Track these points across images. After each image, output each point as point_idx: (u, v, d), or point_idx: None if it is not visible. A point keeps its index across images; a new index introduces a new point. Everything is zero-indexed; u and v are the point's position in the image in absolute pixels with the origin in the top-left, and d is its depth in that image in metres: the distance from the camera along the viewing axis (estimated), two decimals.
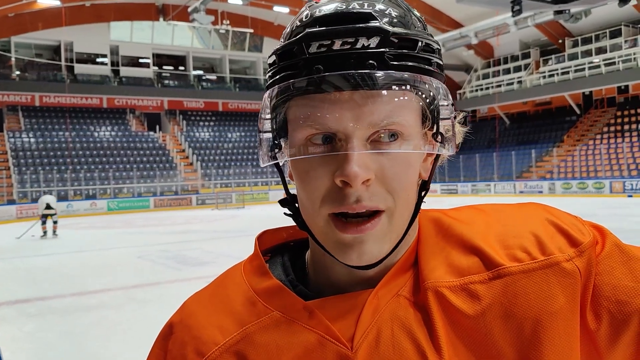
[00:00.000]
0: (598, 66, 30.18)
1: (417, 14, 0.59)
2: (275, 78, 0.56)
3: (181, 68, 38.14)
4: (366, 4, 0.54)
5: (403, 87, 0.53)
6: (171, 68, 38.07)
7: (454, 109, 0.58)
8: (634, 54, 28.70)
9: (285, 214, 0.63)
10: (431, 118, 0.56)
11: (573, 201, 22.64)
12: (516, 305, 0.56)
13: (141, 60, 36.02)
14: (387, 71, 0.52)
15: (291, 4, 30.20)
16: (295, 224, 0.63)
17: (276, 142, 0.58)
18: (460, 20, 32.05)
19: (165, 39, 35.88)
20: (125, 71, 35.36)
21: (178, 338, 0.61)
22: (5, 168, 27.33)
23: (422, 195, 0.60)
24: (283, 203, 0.63)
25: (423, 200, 0.60)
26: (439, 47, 0.58)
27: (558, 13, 21.95)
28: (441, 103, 0.57)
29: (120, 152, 31.17)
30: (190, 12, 27.39)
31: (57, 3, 28.56)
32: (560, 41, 33.47)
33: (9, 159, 27.95)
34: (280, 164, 0.61)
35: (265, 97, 0.58)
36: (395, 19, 0.54)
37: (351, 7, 0.53)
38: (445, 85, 0.57)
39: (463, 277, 0.58)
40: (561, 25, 31.28)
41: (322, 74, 0.52)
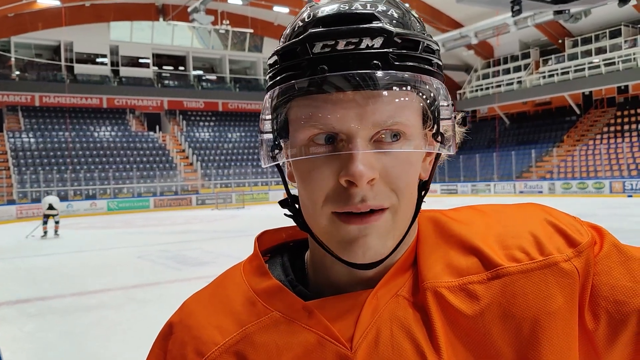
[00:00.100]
0: (598, 66, 30.19)
1: (416, 15, 0.59)
2: (276, 79, 0.56)
3: (181, 68, 38.14)
4: (368, 5, 0.54)
5: (406, 87, 0.53)
6: (171, 68, 38.06)
7: (453, 110, 0.59)
8: (634, 54, 28.71)
9: (285, 215, 0.63)
10: (432, 118, 0.56)
11: (573, 201, 22.64)
12: (515, 305, 0.56)
13: (141, 60, 36.02)
14: (392, 71, 0.52)
15: (291, 4, 30.21)
16: (294, 225, 0.63)
17: (277, 143, 0.58)
18: (460, 20, 32.06)
19: (165, 39, 35.88)
20: (125, 71, 35.35)
21: (178, 338, 0.61)
22: (5, 168, 27.32)
23: (422, 195, 0.60)
24: (283, 204, 0.63)
25: (423, 200, 0.61)
26: (438, 48, 0.58)
27: (558, 13, 21.94)
28: (441, 103, 0.57)
29: (120, 152, 31.16)
30: (190, 12, 27.40)
31: (57, 3, 28.56)
32: (560, 41, 33.48)
33: (9, 159, 27.94)
34: (281, 165, 0.61)
35: (266, 98, 0.58)
36: (396, 20, 0.55)
37: (354, 8, 0.54)
38: (444, 85, 0.58)
39: (462, 278, 0.58)
40: (561, 25, 31.29)
41: (328, 74, 0.52)
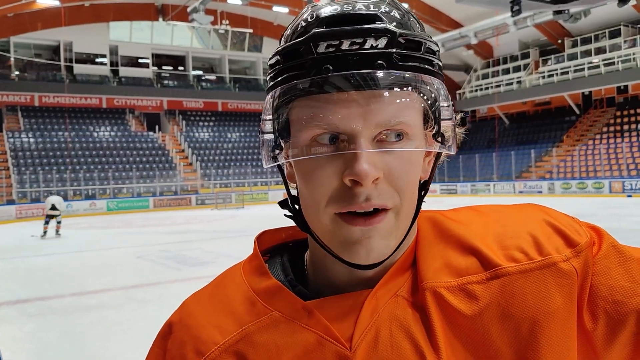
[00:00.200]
0: (597, 66, 30.20)
1: (415, 16, 0.59)
2: (278, 79, 0.56)
3: (180, 68, 38.12)
4: (371, 6, 0.55)
5: (409, 88, 0.54)
6: (170, 68, 38.05)
7: (453, 110, 0.59)
8: (634, 54, 28.72)
9: (285, 216, 0.63)
10: (433, 118, 0.57)
11: (572, 201, 22.65)
12: (513, 305, 0.57)
13: (140, 60, 35.99)
14: (396, 71, 0.52)
15: (291, 4, 30.21)
16: (294, 225, 0.63)
17: (278, 143, 0.58)
18: (459, 20, 32.07)
19: (164, 39, 35.87)
20: (124, 71, 35.33)
21: (177, 337, 0.62)
22: (4, 168, 27.30)
23: (422, 195, 0.60)
24: (283, 205, 0.63)
25: (423, 200, 0.61)
26: (438, 49, 0.59)
27: (557, 13, 21.94)
28: (442, 104, 0.57)
29: (119, 152, 31.14)
30: (189, 12, 27.41)
31: (57, 3, 28.55)
32: (559, 41, 33.49)
33: (9, 159, 27.93)
34: (282, 165, 0.61)
35: (267, 99, 0.58)
36: (398, 21, 0.55)
37: (357, 9, 0.54)
38: (445, 86, 0.58)
39: (461, 278, 0.58)
40: (560, 25, 31.30)
41: (332, 74, 0.52)
